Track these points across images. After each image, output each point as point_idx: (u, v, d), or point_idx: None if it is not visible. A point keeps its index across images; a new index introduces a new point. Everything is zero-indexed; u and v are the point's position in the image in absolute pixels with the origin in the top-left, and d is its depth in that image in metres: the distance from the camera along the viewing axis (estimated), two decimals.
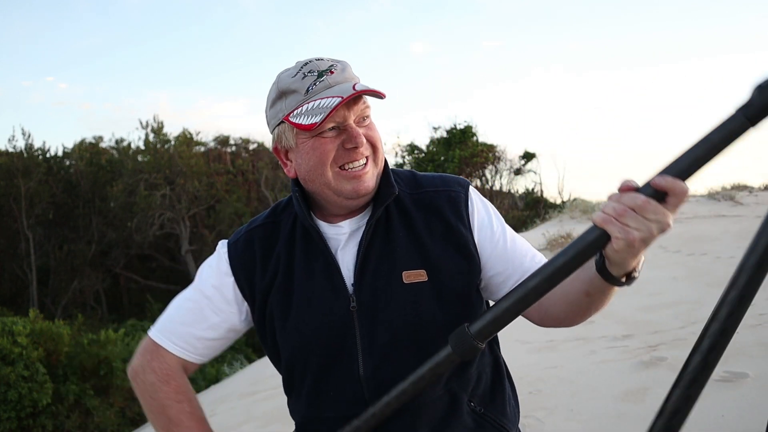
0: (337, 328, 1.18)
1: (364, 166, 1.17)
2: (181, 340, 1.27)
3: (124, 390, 11.48)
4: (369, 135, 1.19)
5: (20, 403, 9.48)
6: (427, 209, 1.24)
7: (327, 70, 1.17)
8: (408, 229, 1.22)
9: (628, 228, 0.89)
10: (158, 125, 24.48)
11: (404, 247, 1.21)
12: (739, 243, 7.91)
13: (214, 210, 23.41)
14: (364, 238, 1.20)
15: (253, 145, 26.33)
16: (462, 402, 1.22)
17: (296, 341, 1.20)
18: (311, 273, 1.21)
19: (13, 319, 10.81)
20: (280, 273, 1.23)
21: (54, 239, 23.72)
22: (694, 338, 3.38)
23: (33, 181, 22.59)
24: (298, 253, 1.23)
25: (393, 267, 1.19)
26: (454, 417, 1.21)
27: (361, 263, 1.19)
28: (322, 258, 1.21)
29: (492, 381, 1.30)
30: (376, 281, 1.19)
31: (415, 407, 1.18)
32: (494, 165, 21.07)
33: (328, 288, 1.20)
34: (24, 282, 22.92)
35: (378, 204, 1.21)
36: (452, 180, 1.29)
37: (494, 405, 1.27)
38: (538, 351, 4.81)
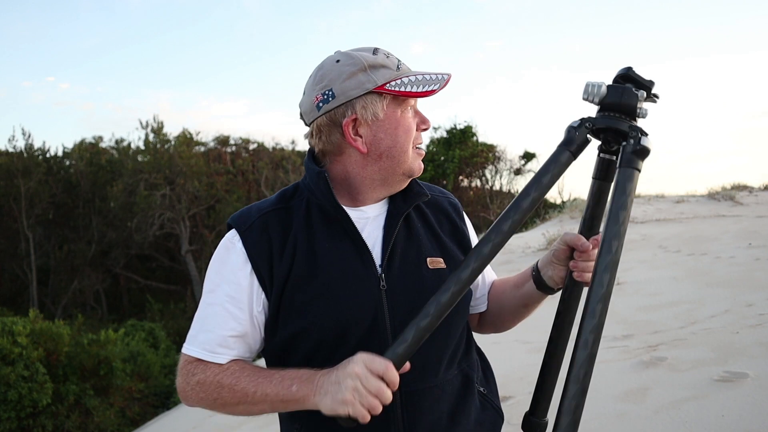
0: (369, 307, 1.20)
1: None
2: (218, 346, 1.20)
3: (124, 390, 11.48)
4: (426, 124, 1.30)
5: (20, 403, 9.48)
6: (435, 208, 1.38)
7: (399, 60, 1.26)
8: (423, 222, 1.34)
9: None
10: (158, 125, 24.47)
11: (425, 237, 1.31)
12: (738, 243, 7.91)
13: (214, 210, 23.39)
14: (391, 225, 1.26)
15: (253, 145, 26.32)
16: (473, 382, 1.32)
17: (330, 323, 1.18)
18: (338, 253, 1.21)
19: (13, 319, 10.80)
20: (298, 257, 1.21)
21: (54, 239, 23.71)
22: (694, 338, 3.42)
23: (33, 181, 22.57)
24: (318, 236, 1.23)
25: (419, 253, 1.28)
26: (468, 396, 1.30)
27: (390, 248, 1.25)
28: (349, 239, 1.23)
29: (483, 367, 1.42)
30: (405, 265, 1.25)
31: (438, 385, 1.25)
32: (494, 165, 21.06)
33: (359, 268, 1.21)
34: (24, 282, 22.92)
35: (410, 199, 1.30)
36: (446, 191, 1.46)
37: (490, 387, 1.39)
38: (538, 351, 4.81)
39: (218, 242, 1.28)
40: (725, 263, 6.83)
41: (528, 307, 1.39)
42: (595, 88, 1.13)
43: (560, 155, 1.15)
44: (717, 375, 3.39)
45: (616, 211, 1.07)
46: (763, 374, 3.29)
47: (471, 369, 1.33)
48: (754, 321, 4.34)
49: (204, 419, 6.69)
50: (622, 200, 1.07)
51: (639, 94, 1.12)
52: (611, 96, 1.12)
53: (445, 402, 1.25)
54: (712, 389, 3.24)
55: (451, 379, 1.28)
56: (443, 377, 1.26)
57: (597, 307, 1.03)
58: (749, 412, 2.91)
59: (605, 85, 1.13)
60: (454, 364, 1.29)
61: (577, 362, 1.02)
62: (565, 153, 1.15)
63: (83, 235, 23.86)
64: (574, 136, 1.15)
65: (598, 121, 1.14)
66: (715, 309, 4.97)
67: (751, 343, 3.84)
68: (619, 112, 1.12)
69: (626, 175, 1.09)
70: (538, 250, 9.65)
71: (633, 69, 1.14)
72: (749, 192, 13.96)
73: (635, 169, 1.10)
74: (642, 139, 1.10)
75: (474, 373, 1.34)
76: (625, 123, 1.12)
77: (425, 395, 1.23)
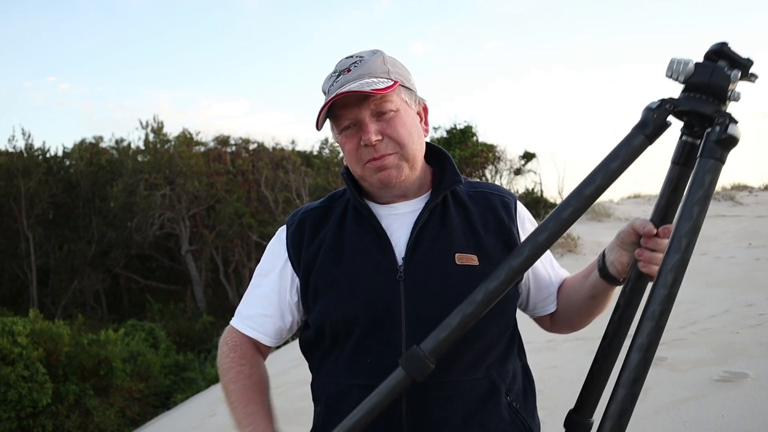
0: (382, 296, 1.22)
1: (389, 156, 1.23)
2: (250, 320, 1.37)
3: (124, 390, 11.48)
4: (387, 130, 1.23)
5: (20, 403, 9.47)
6: (482, 204, 1.33)
7: (346, 68, 1.24)
8: (463, 218, 1.30)
9: None
10: (158, 125, 24.46)
11: (459, 232, 1.27)
12: (738, 243, 7.91)
13: (214, 210, 23.37)
14: (420, 218, 1.26)
15: (253, 145, 26.30)
16: (500, 392, 1.26)
17: (342, 307, 1.24)
18: (361, 247, 1.27)
19: (13, 319, 10.79)
20: (325, 247, 1.29)
21: (54, 239, 23.70)
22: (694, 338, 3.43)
23: (33, 181, 22.56)
24: (348, 230, 1.30)
25: (447, 248, 1.25)
26: (491, 404, 1.24)
27: (415, 239, 1.25)
28: (374, 233, 1.27)
29: (524, 386, 1.34)
30: (428, 258, 1.24)
31: (451, 383, 1.21)
32: (494, 165, 21.05)
33: (378, 260, 1.24)
34: (24, 282, 22.91)
35: (441, 189, 1.28)
36: (503, 189, 1.40)
37: (527, 407, 1.32)
38: (538, 351, 4.81)
39: (218, 242, 1.37)
40: (725, 263, 6.83)
41: (596, 299, 1.30)
42: (680, 65, 0.99)
43: (633, 139, 1.02)
44: (717, 375, 3.39)
45: (690, 205, 0.96)
46: (763, 374, 3.29)
47: (501, 378, 1.26)
48: (754, 321, 4.34)
49: (204, 419, 6.69)
50: (699, 194, 0.96)
51: (732, 74, 0.98)
52: (698, 74, 0.99)
53: (459, 402, 1.21)
54: (712, 389, 3.24)
55: (472, 381, 1.23)
56: (461, 376, 1.22)
57: (656, 310, 0.94)
58: (749, 412, 2.91)
59: (693, 62, 1.00)
60: (480, 366, 1.24)
61: (629, 365, 0.94)
62: (639, 136, 1.02)
63: (83, 235, 23.85)
64: (650, 119, 1.02)
65: (681, 102, 1.02)
66: (715, 309, 4.97)
67: (751, 343, 3.84)
68: (707, 93, 1.00)
69: (706, 167, 0.96)
70: None
71: (728, 45, 1.00)
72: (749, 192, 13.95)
73: (718, 160, 0.97)
74: (729, 127, 0.97)
75: (503, 383, 1.27)
76: (711, 106, 1.00)
77: (433, 390, 1.20)
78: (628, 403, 0.94)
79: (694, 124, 1.04)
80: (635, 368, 0.94)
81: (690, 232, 0.96)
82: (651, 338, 0.94)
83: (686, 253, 0.95)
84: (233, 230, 22.38)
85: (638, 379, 0.93)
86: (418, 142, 1.27)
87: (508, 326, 1.31)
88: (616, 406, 0.94)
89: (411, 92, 1.30)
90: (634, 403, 0.94)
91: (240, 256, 23.47)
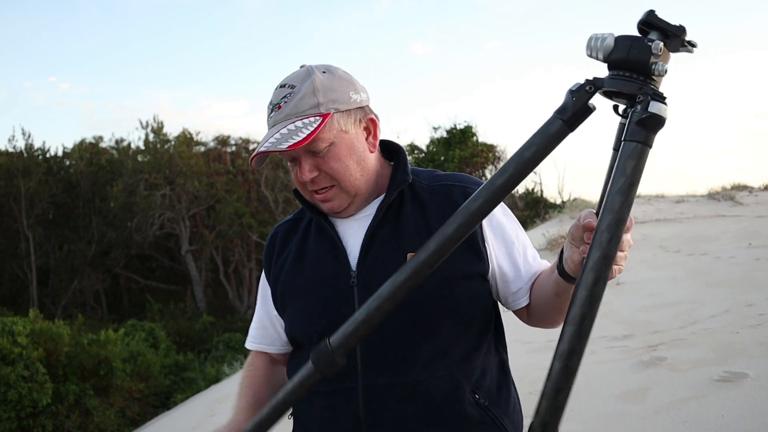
0: (335, 301, 1.25)
1: (328, 190, 1.25)
2: (254, 335, 1.47)
3: (124, 390, 11.48)
4: (323, 166, 1.23)
5: (20, 403, 9.47)
6: (441, 198, 1.30)
7: (277, 104, 1.24)
8: (419, 214, 1.28)
9: None
10: (158, 125, 24.47)
11: (413, 230, 1.26)
12: (738, 243, 7.91)
13: (214, 210, 23.38)
14: (373, 222, 1.27)
15: (253, 145, 26.29)
16: (463, 390, 1.23)
17: (300, 318, 1.30)
18: (319, 257, 1.31)
19: (13, 319, 10.79)
20: (289, 260, 1.35)
21: (54, 239, 23.71)
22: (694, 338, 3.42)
23: (33, 181, 22.57)
24: (310, 242, 1.34)
25: (398, 247, 1.25)
26: (454, 403, 1.22)
27: (367, 243, 1.26)
28: (330, 242, 1.30)
29: (498, 381, 1.31)
30: (379, 259, 1.25)
31: (406, 383, 1.21)
32: (494, 165, 21.06)
33: (333, 268, 1.28)
34: (24, 282, 22.92)
35: (391, 189, 1.28)
36: (470, 178, 1.35)
37: (499, 404, 1.29)
38: (538, 351, 4.81)
39: (218, 242, 1.41)
40: (725, 263, 6.83)
41: (560, 297, 1.22)
42: (599, 41, 0.90)
43: (550, 125, 0.92)
44: (717, 375, 3.39)
45: (612, 195, 0.87)
46: (763, 374, 3.29)
47: (465, 376, 1.24)
48: (754, 321, 4.34)
49: (204, 419, 6.70)
50: (621, 183, 0.86)
51: (653, 45, 0.88)
52: (618, 50, 0.89)
53: (418, 402, 1.20)
54: (712, 389, 3.24)
55: (431, 380, 1.21)
56: (417, 376, 1.21)
57: (577, 313, 0.86)
58: (749, 412, 2.91)
59: (612, 37, 0.90)
60: (438, 365, 1.22)
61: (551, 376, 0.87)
62: (557, 122, 0.92)
63: (83, 235, 23.86)
64: (569, 103, 0.92)
65: (605, 83, 0.92)
66: (715, 309, 4.97)
67: (751, 343, 3.85)
68: (629, 69, 0.90)
69: (628, 151, 0.86)
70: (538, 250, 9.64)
71: (655, 12, 0.91)
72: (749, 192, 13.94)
73: (642, 143, 0.87)
74: (651, 105, 0.87)
75: (468, 381, 1.24)
76: (635, 83, 0.89)
77: (388, 391, 1.20)
78: (552, 417, 0.87)
79: (621, 104, 0.96)
80: (557, 378, 0.86)
81: (612, 226, 0.86)
82: (572, 344, 0.85)
83: (609, 249, 0.85)
84: (233, 230, 22.38)
85: (561, 390, 0.86)
86: (358, 170, 1.26)
87: (473, 322, 1.27)
88: (539, 419, 0.87)
89: (350, 114, 1.25)
90: (559, 417, 0.87)
91: (240, 256, 23.47)
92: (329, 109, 1.21)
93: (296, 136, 1.17)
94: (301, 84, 1.23)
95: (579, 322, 0.85)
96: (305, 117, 1.20)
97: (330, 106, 1.22)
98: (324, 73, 1.25)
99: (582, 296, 0.85)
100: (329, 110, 1.21)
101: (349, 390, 1.22)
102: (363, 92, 1.30)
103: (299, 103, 1.21)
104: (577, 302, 0.86)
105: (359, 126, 1.28)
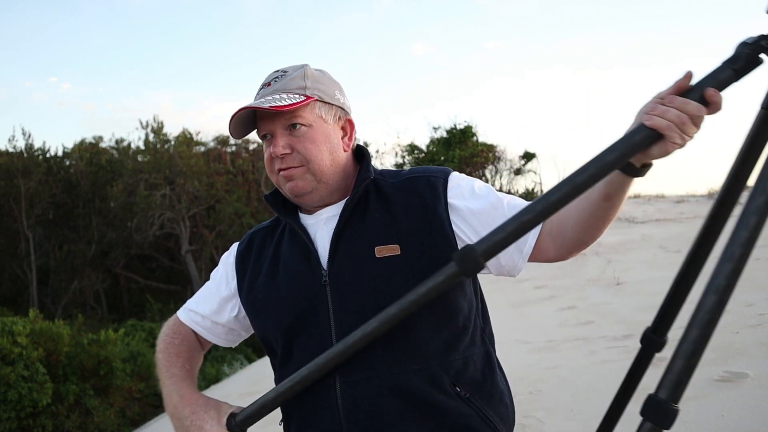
0: (308, 301, 1.27)
1: (295, 168, 1.28)
2: (192, 312, 1.46)
3: (124, 390, 11.48)
4: (297, 145, 1.28)
5: (20, 403, 9.47)
6: (406, 192, 1.32)
7: (268, 82, 1.31)
8: (385, 210, 1.30)
9: (686, 136, 0.96)
10: (158, 125, 24.47)
11: (379, 225, 1.28)
12: None
13: (214, 210, 23.38)
14: (340, 220, 1.29)
15: (253, 145, 26.29)
16: (442, 383, 1.24)
17: (276, 320, 1.31)
18: (292, 259, 1.33)
19: (13, 319, 10.79)
20: (266, 265, 1.37)
21: (54, 239, 23.70)
22: None
23: (33, 181, 22.56)
24: (284, 246, 1.37)
25: (366, 242, 1.27)
26: (432, 396, 1.22)
27: (335, 241, 1.29)
28: (301, 244, 1.33)
29: (483, 373, 1.31)
30: (348, 256, 1.27)
31: (382, 377, 1.22)
32: (494, 165, 21.05)
33: (305, 267, 1.30)
34: (24, 282, 22.91)
35: (356, 188, 1.31)
36: (434, 168, 1.36)
37: (483, 395, 1.28)
38: (538, 351, 4.81)
39: (218, 242, 1.41)
40: None
41: (611, 199, 1.12)
42: None
43: (720, 73, 0.91)
44: (717, 375, 3.39)
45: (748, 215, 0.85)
46: (763, 374, 3.29)
47: (444, 369, 1.24)
48: (754, 321, 4.34)
49: None
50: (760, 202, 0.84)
51: None
52: None
53: (395, 396, 1.21)
54: (712, 389, 3.24)
55: (407, 373, 1.22)
56: (394, 369, 1.22)
57: (722, 283, 0.86)
58: (749, 412, 2.91)
59: None
60: (415, 358, 1.22)
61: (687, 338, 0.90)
62: (727, 71, 0.90)
63: (83, 235, 23.86)
64: (741, 53, 0.89)
65: None
66: None
67: (751, 343, 3.85)
68: None
69: None
70: None
71: None
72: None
73: None
74: None
75: (447, 374, 1.24)
76: None
77: (365, 386, 1.22)
78: (685, 375, 0.91)
79: None
80: (694, 341, 0.91)
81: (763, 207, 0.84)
82: (712, 314, 0.89)
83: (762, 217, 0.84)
84: (233, 230, 22.38)
85: (696, 352, 0.91)
86: (329, 158, 1.30)
87: (452, 313, 1.27)
88: (674, 377, 0.91)
89: (331, 108, 1.32)
90: (689, 378, 0.91)
91: None
92: (314, 94, 1.29)
93: (279, 101, 1.25)
94: (293, 71, 1.32)
95: (722, 291, 0.87)
96: (291, 93, 1.28)
97: (315, 92, 1.30)
98: (317, 70, 1.35)
99: (727, 268, 0.86)
100: (314, 95, 1.29)
101: (327, 387, 1.24)
102: (347, 99, 1.38)
103: (288, 83, 1.29)
104: (721, 271, 0.87)
105: (337, 123, 1.34)
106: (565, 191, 0.92)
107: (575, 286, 6.83)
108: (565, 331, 5.39)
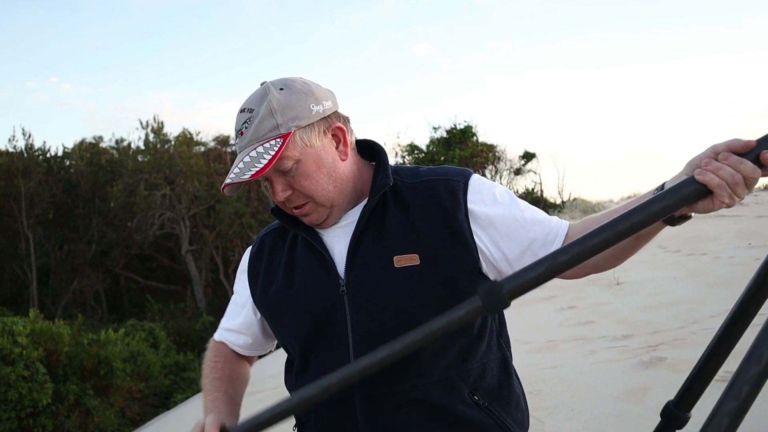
0: (326, 311, 1.24)
1: (303, 206, 1.25)
2: (224, 331, 1.46)
3: (124, 390, 11.48)
4: (294, 185, 1.23)
5: (20, 403, 9.47)
6: (425, 196, 1.25)
7: (239, 131, 1.23)
8: (403, 216, 1.24)
9: (736, 197, 0.92)
10: (158, 125, 24.48)
11: (398, 233, 1.23)
12: (738, 243, 7.91)
13: (214, 210, 23.38)
14: (357, 228, 1.25)
15: None
16: (461, 392, 1.22)
17: (293, 329, 1.29)
18: (308, 267, 1.29)
19: (13, 319, 10.80)
20: (280, 272, 1.32)
21: (54, 239, 23.71)
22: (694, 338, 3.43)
23: (33, 181, 22.57)
24: (298, 252, 1.32)
25: (384, 252, 1.22)
26: (450, 406, 1.21)
27: (353, 250, 1.24)
28: (317, 253, 1.28)
29: (500, 379, 1.29)
30: (366, 266, 1.23)
31: (402, 391, 1.20)
32: (494, 165, 21.06)
33: (321, 276, 1.26)
34: (24, 282, 22.92)
35: (372, 194, 1.25)
36: (453, 170, 1.29)
37: (500, 402, 1.27)
38: (538, 351, 4.81)
39: (218, 242, 1.40)
40: (725, 263, 6.83)
41: (640, 239, 1.11)
42: None
43: None
44: (717, 375, 3.39)
45: None
46: None
47: (462, 378, 1.22)
48: (754, 321, 4.34)
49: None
50: None
51: None
52: None
53: (414, 408, 1.20)
54: (712, 389, 3.24)
55: (426, 385, 1.20)
56: (413, 382, 1.20)
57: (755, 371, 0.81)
58: (749, 412, 2.91)
59: None
60: (434, 369, 1.21)
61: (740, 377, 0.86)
62: None
63: (83, 235, 23.86)
64: None
65: None
66: (715, 309, 4.97)
67: (751, 343, 3.85)
68: None
69: None
70: None
71: None
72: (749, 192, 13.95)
73: None
74: None
75: (465, 383, 1.23)
76: None
77: (385, 400, 1.20)
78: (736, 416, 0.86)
79: None
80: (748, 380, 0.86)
81: None
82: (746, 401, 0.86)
83: None
84: (233, 230, 22.38)
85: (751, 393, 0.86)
86: (330, 182, 1.23)
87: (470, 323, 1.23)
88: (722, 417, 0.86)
89: (312, 128, 1.21)
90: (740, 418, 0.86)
91: (240, 256, 23.44)
92: (290, 128, 1.19)
93: (258, 163, 1.16)
94: (258, 106, 1.20)
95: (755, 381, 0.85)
96: (266, 141, 1.18)
97: (290, 124, 1.19)
98: (281, 90, 1.21)
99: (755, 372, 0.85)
100: (290, 129, 1.19)
101: (346, 400, 1.22)
102: (326, 100, 1.25)
103: (258, 127, 1.19)
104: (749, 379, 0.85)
105: (325, 137, 1.24)
106: (604, 237, 0.88)
107: (575, 286, 6.83)
108: (565, 331, 5.39)
